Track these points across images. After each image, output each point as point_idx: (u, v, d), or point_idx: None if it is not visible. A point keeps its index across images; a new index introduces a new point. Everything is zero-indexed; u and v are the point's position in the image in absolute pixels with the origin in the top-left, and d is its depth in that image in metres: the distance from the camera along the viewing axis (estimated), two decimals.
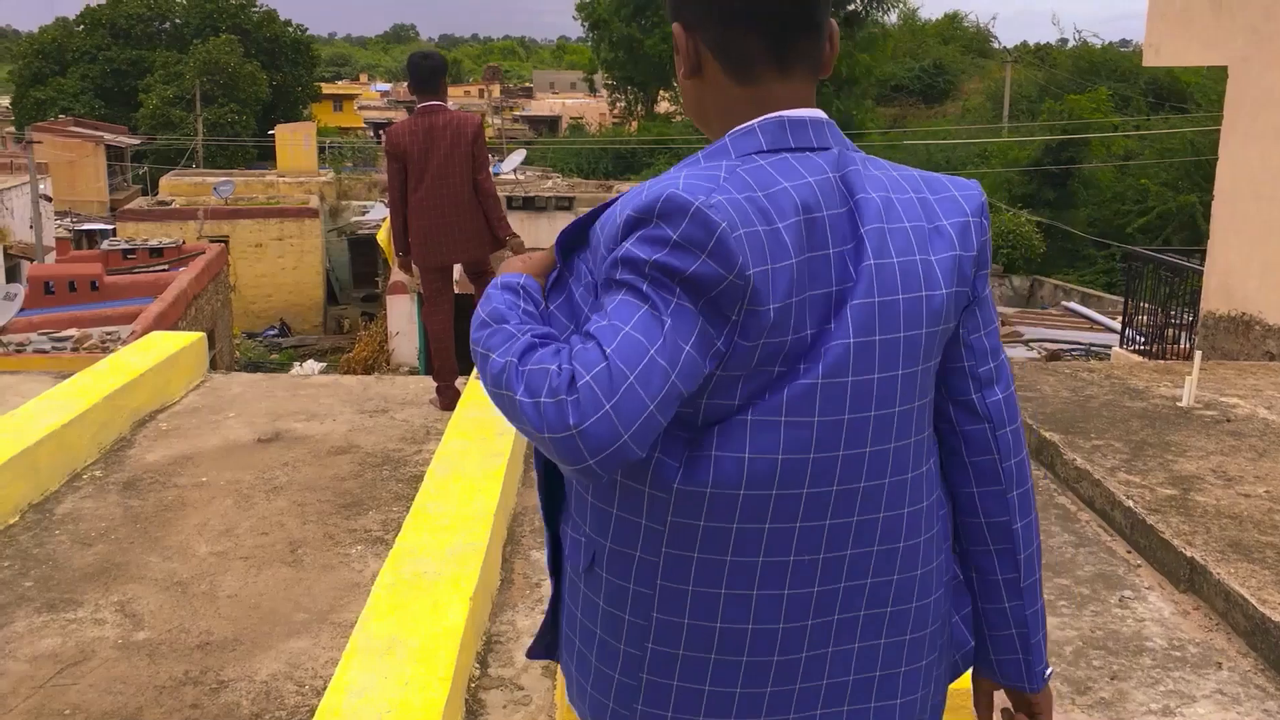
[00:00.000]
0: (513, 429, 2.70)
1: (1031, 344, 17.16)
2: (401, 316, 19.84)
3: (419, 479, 4.42)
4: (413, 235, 5.51)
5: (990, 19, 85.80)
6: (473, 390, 5.19)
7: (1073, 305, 22.33)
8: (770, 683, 1.36)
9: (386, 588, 3.24)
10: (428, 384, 5.90)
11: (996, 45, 61.09)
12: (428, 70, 5.56)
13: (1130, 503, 4.18)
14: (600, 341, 1.20)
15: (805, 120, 1.37)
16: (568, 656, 1.49)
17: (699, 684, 1.36)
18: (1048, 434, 5.00)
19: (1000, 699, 1.59)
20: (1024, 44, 66.36)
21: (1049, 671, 1.55)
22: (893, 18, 37.78)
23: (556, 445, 1.18)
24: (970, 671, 1.59)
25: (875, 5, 36.03)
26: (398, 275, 15.47)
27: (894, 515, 1.37)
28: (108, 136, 42.93)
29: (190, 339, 6.05)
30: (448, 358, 5.57)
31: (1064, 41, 54.46)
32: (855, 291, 1.31)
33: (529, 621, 3.49)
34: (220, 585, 3.68)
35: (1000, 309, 20.90)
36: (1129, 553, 4.08)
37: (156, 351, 5.71)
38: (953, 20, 67.23)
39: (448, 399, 5.56)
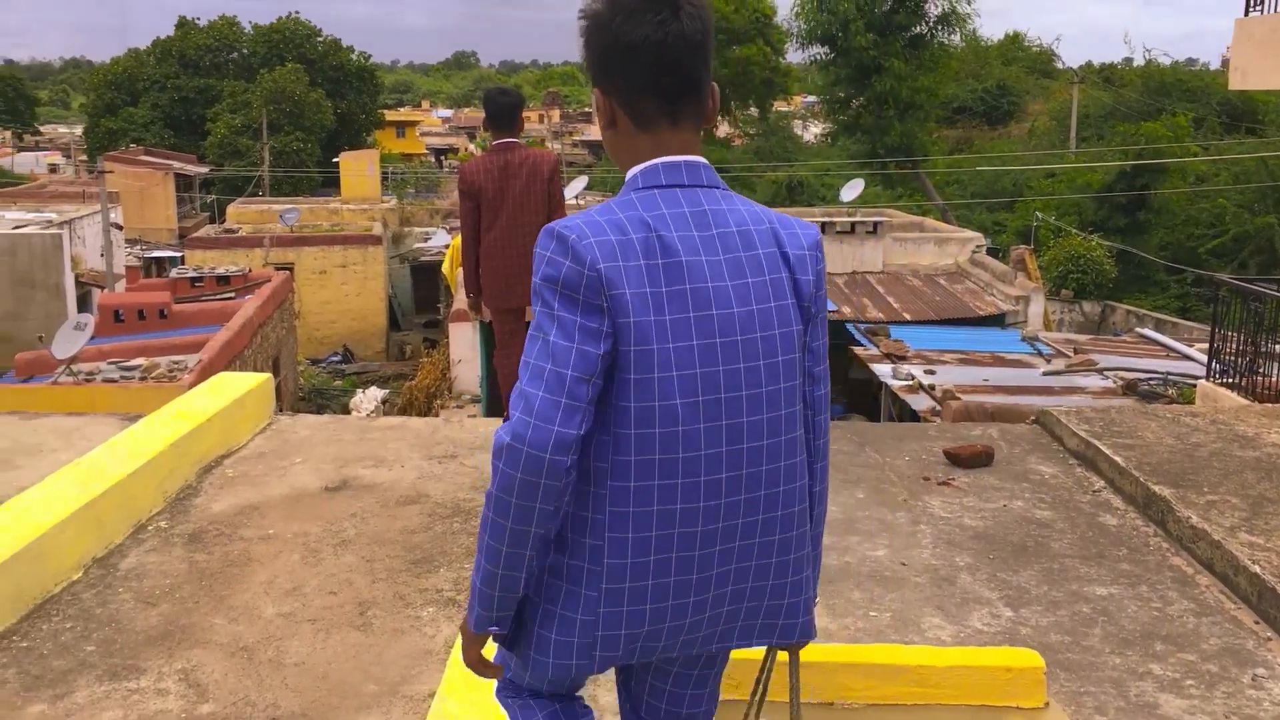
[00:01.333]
0: None
1: (1107, 373, 16.66)
2: (463, 344, 19.75)
3: None
4: (485, 276, 5.35)
5: (1054, 39, 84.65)
6: None
7: (1147, 332, 21.71)
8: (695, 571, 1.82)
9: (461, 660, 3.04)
10: (493, 427, 5.74)
11: (1060, 65, 60.18)
12: (504, 107, 5.41)
13: (1256, 568, 3.87)
14: (521, 382, 1.74)
15: (680, 164, 1.84)
16: (535, 624, 1.87)
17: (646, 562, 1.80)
18: (1157, 488, 4.69)
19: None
20: (1089, 64, 65.41)
21: (817, 598, 2.03)
22: (956, 39, 37.25)
23: (529, 464, 1.68)
24: None
25: (940, 27, 35.56)
26: (461, 303, 15.43)
27: (774, 453, 1.84)
28: (176, 165, 43.70)
29: (257, 380, 5.93)
30: None
31: (1129, 61, 53.48)
32: (732, 294, 1.79)
33: (611, 697, 3.27)
34: (287, 651, 3.51)
35: (1071, 335, 20.36)
36: (1257, 623, 3.77)
37: (223, 394, 5.60)
38: (1015, 40, 66.45)
39: None
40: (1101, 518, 4.73)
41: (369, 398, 24.12)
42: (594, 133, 77.72)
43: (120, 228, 35.65)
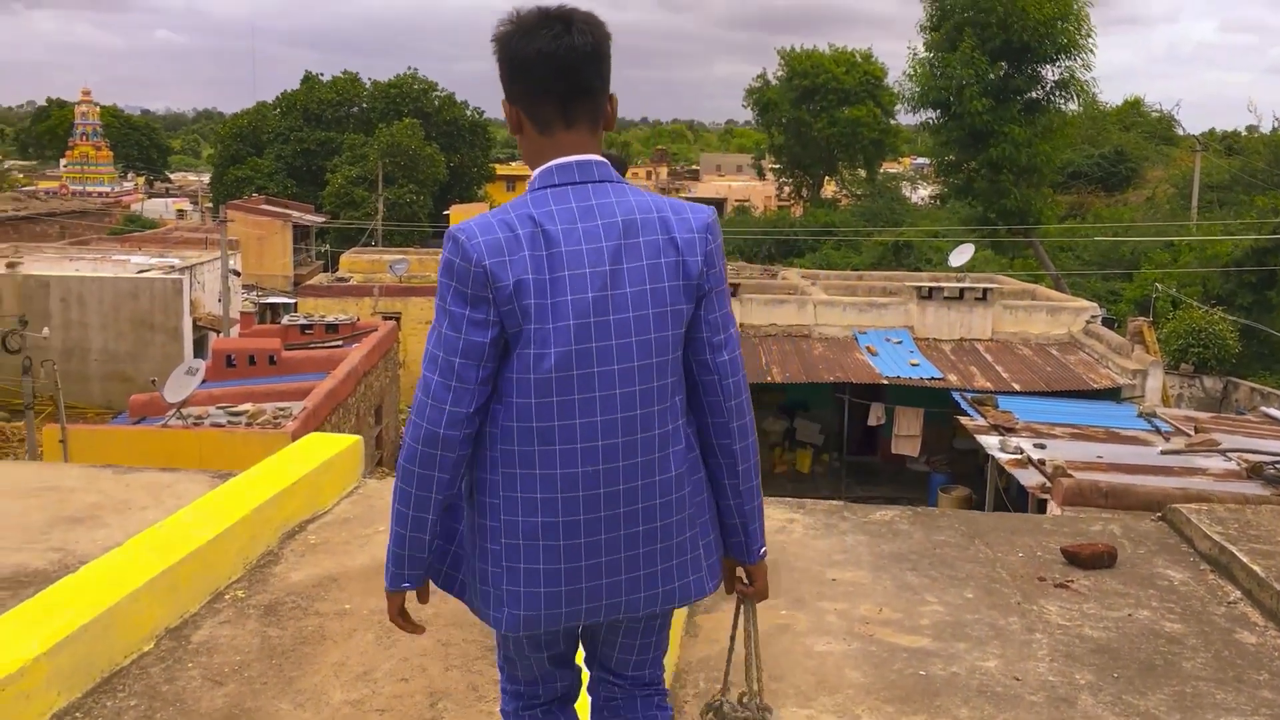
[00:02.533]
0: None
1: (1230, 454, 15.85)
2: None
3: None
4: None
5: (1175, 105, 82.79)
6: None
7: (1273, 411, 20.67)
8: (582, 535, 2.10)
9: None
10: None
11: (1181, 132, 58.68)
12: None
13: None
14: (423, 367, 2.08)
15: (573, 164, 2.09)
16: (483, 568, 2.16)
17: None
18: None
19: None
20: (1211, 131, 63.73)
21: (763, 551, 2.30)
22: (1075, 105, 36.50)
23: (427, 438, 2.05)
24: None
25: (1057, 92, 34.88)
26: None
27: (647, 422, 2.09)
28: (295, 214, 44.99)
29: (347, 442, 5.84)
30: None
31: (1253, 129, 51.82)
32: (609, 278, 2.03)
33: None
34: None
35: (1191, 412, 19.46)
36: None
37: (312, 456, 5.51)
38: (1135, 106, 65.07)
39: None
40: (1238, 634, 4.32)
41: None
42: (701, 190, 78.09)
43: (238, 274, 36.73)
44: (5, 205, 54.86)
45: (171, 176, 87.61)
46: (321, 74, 58.35)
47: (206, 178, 66.73)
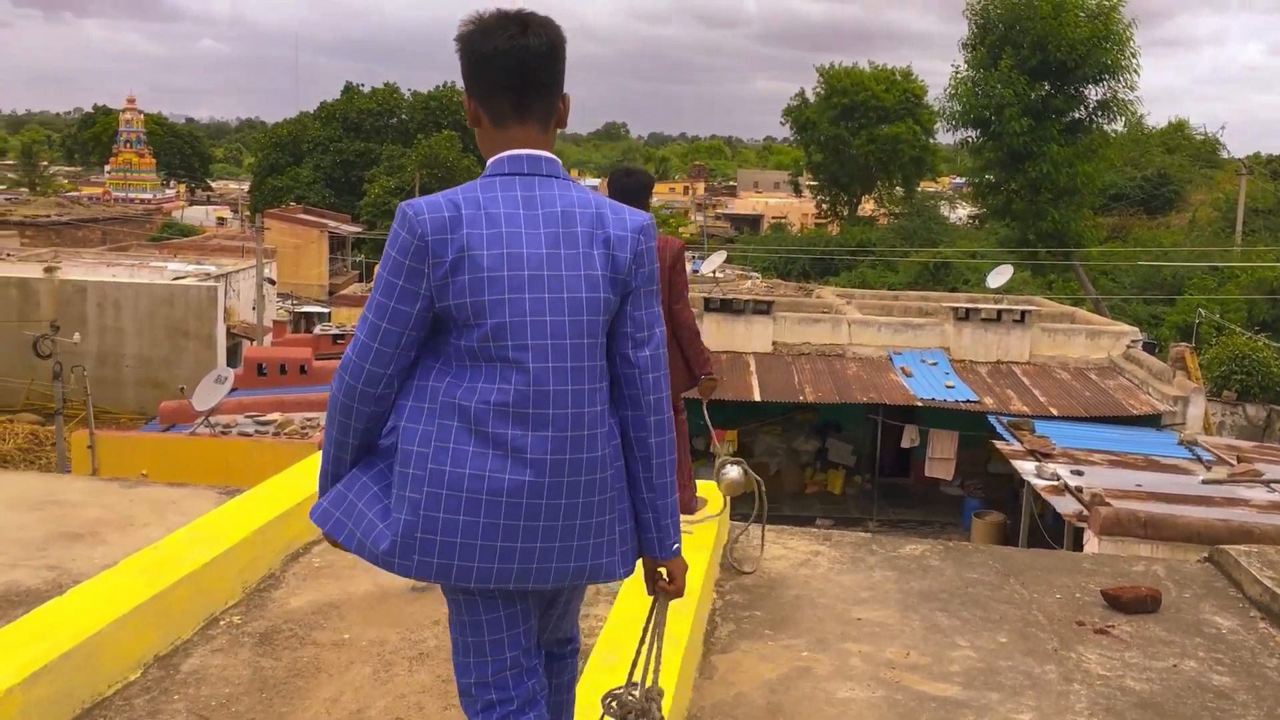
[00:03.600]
0: (696, 598, 3.65)
1: (1274, 485, 15.43)
2: None
3: (583, 654, 3.81)
4: None
5: (1219, 128, 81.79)
6: None
7: None
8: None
9: None
10: None
11: (1225, 155, 57.88)
12: (629, 189, 5.04)
13: None
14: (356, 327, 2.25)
15: (523, 157, 2.26)
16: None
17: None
18: None
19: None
20: (1256, 154, 62.83)
21: (676, 547, 2.38)
22: (1118, 126, 35.98)
23: (346, 390, 2.22)
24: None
25: (1101, 113, 34.39)
26: None
27: (578, 399, 2.22)
28: (331, 224, 45.19)
29: None
30: None
31: None
32: (545, 260, 2.19)
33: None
34: None
35: (1234, 441, 19.01)
36: None
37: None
38: (1179, 128, 64.27)
39: None
40: None
41: None
42: (738, 206, 77.87)
43: (273, 282, 36.88)
44: (49, 210, 55.53)
45: (213, 184, 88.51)
46: (362, 84, 58.75)
47: (247, 186, 67.30)
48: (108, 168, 66.49)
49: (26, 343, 19.57)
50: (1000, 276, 24.04)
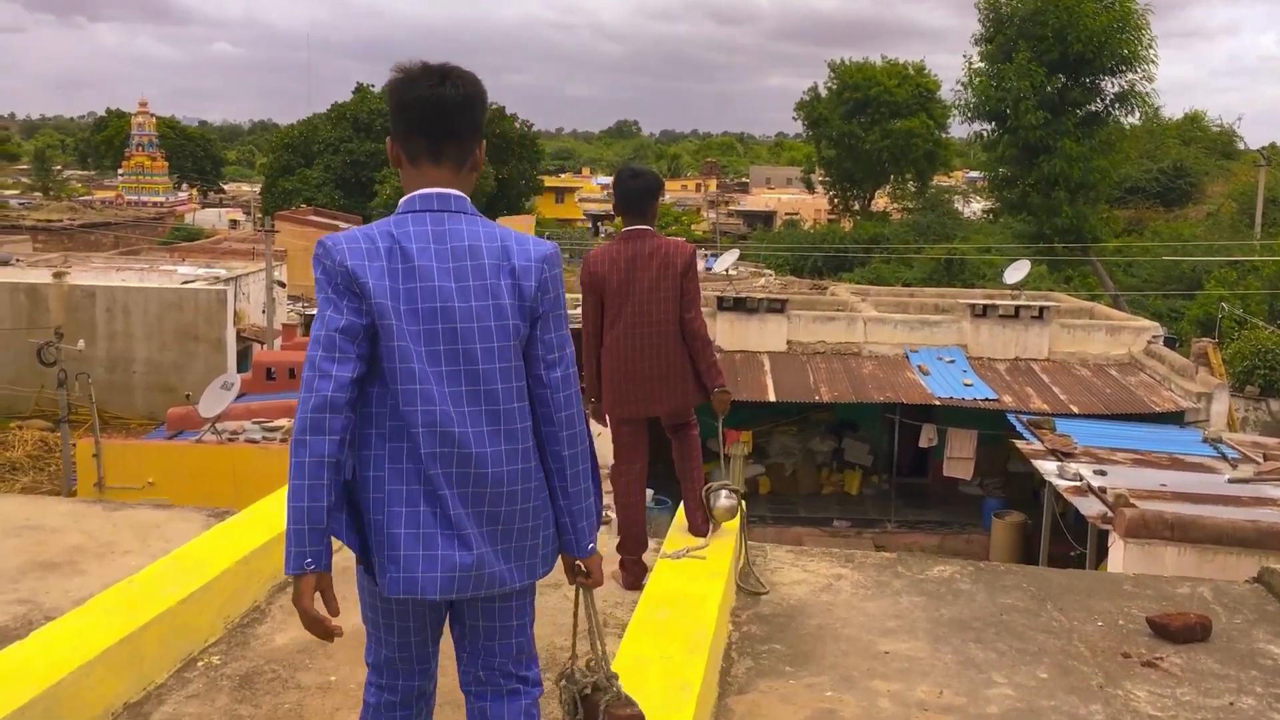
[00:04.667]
0: (711, 631, 3.61)
1: None
2: None
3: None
4: (605, 380, 4.68)
5: (1236, 119, 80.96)
6: (666, 573, 4.27)
7: None
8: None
9: None
10: (611, 548, 4.99)
11: (1242, 147, 57.26)
12: (635, 190, 4.73)
13: None
14: (308, 350, 2.38)
15: (433, 195, 2.46)
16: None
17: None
18: None
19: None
20: (1273, 145, 62.25)
21: (592, 547, 2.62)
22: (1135, 118, 35.47)
23: (316, 404, 2.31)
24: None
25: (1116, 106, 33.92)
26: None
27: (493, 418, 2.43)
28: (342, 225, 44.99)
29: None
30: (635, 526, 4.67)
31: None
32: (455, 293, 2.38)
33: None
34: None
35: (1260, 438, 18.61)
36: None
37: None
38: (1194, 120, 63.63)
39: (633, 576, 4.66)
40: None
41: None
42: (750, 203, 77.51)
43: (283, 285, 36.68)
44: (61, 215, 55.52)
45: (226, 187, 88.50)
46: (372, 85, 58.49)
47: (259, 188, 67.20)
48: (120, 171, 66.52)
49: (35, 349, 19.37)
50: (1017, 272, 23.62)
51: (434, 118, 2.47)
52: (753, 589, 4.65)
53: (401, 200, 2.48)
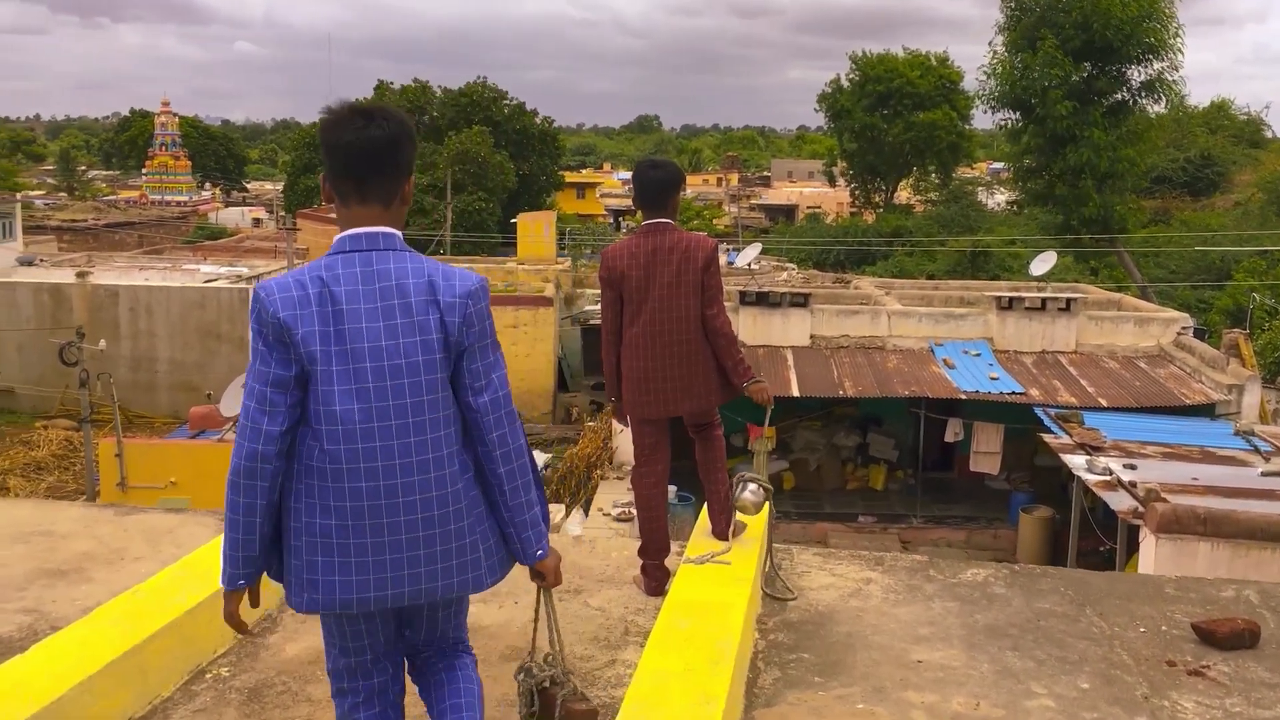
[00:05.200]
0: (737, 641, 3.54)
1: None
2: None
3: (610, 711, 3.37)
4: (625, 379, 4.53)
5: (1263, 107, 79.99)
6: (689, 579, 4.12)
7: None
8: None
9: None
10: (633, 551, 4.84)
11: (1270, 135, 56.59)
12: (655, 183, 4.55)
13: None
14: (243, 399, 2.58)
15: (361, 234, 2.61)
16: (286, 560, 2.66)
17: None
18: None
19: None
20: None
21: (540, 553, 2.77)
22: (1161, 107, 35.01)
23: (247, 454, 2.53)
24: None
25: (1143, 94, 33.48)
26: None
27: (421, 448, 2.58)
28: None
29: None
30: (657, 530, 4.51)
31: None
32: (383, 331, 2.54)
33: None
34: None
35: None
36: None
37: None
38: (1221, 109, 62.92)
39: (655, 581, 4.50)
40: None
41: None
42: (772, 196, 77.16)
43: None
44: (86, 214, 55.84)
45: (249, 186, 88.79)
46: (392, 83, 58.47)
47: (281, 186, 67.33)
48: (144, 171, 66.83)
49: (58, 349, 19.40)
50: (1044, 264, 23.33)
51: (360, 159, 2.61)
52: (779, 595, 4.49)
53: (335, 239, 2.64)
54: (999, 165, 63.18)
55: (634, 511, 4.70)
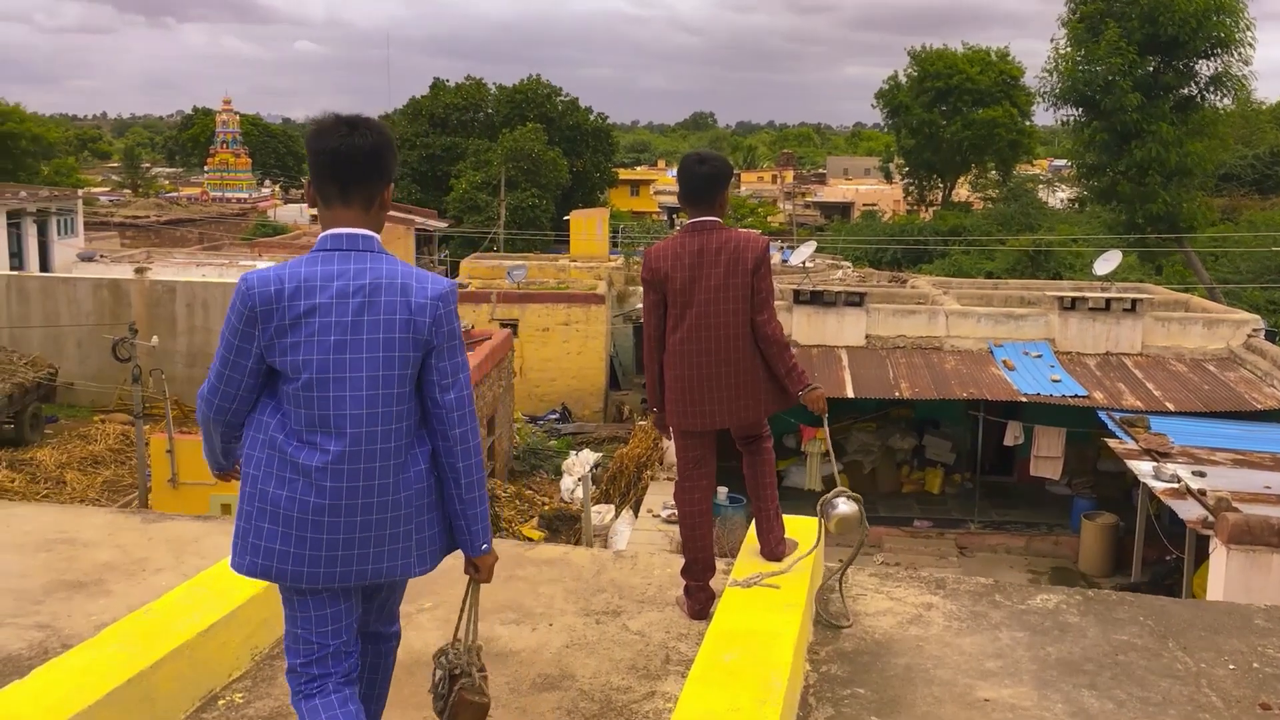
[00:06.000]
0: (786, 675, 3.36)
1: None
2: None
3: None
4: (668, 387, 4.23)
5: None
6: (736, 604, 3.83)
7: None
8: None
9: None
10: (676, 568, 4.56)
11: None
12: (702, 179, 4.22)
13: None
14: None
15: (342, 235, 2.78)
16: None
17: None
18: None
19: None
20: None
21: (485, 546, 2.90)
22: (1229, 102, 33.99)
23: (201, 419, 2.82)
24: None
25: (1211, 89, 32.53)
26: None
27: (386, 436, 2.72)
28: (418, 220, 45.12)
29: None
30: (702, 549, 4.21)
31: None
32: (350, 326, 2.69)
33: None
34: None
35: None
36: None
37: None
38: None
39: (698, 603, 4.22)
40: None
41: (581, 461, 23.51)
42: (827, 194, 76.43)
43: None
44: (148, 211, 56.63)
45: (307, 182, 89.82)
46: (448, 80, 58.65)
47: None
48: (205, 168, 67.60)
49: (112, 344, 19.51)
50: (1108, 263, 22.68)
51: (343, 165, 2.78)
52: (835, 621, 4.18)
53: (318, 238, 2.80)
54: (1060, 162, 61.99)
55: (676, 517, 4.41)
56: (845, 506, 4.09)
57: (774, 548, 4.21)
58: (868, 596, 4.44)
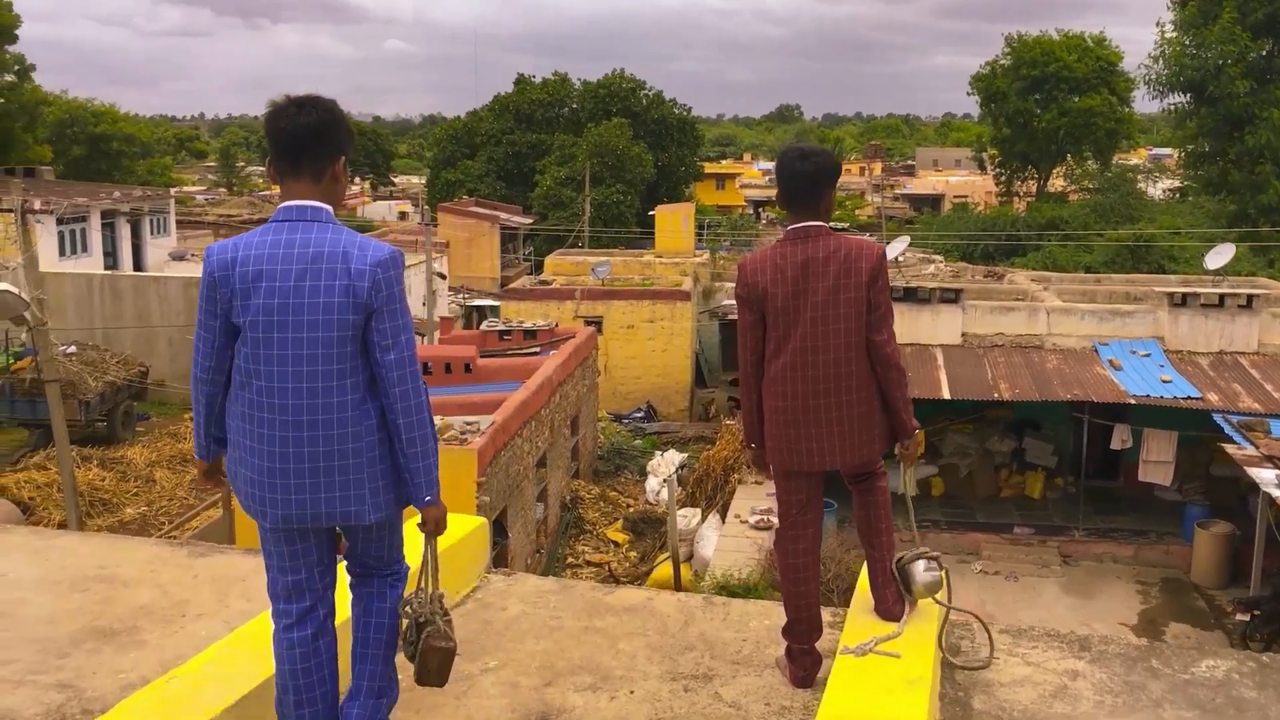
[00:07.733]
0: None
1: None
2: None
3: None
4: (769, 422, 3.65)
5: None
6: (848, 677, 3.26)
7: None
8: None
9: None
10: (775, 620, 3.98)
11: None
12: (806, 177, 3.62)
13: None
14: None
15: (293, 206, 3.07)
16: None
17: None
18: None
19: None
20: None
21: (429, 499, 3.12)
22: None
23: (191, 380, 3.15)
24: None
25: None
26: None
27: (327, 392, 3.00)
28: (503, 217, 45.02)
29: (469, 526, 4.52)
30: (807, 607, 3.61)
31: None
32: (291, 290, 2.96)
33: None
34: None
35: None
36: None
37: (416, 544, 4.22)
38: None
39: (802, 669, 3.63)
40: None
41: (666, 462, 22.97)
42: (916, 186, 74.90)
43: (444, 277, 36.72)
44: (241, 209, 57.63)
45: (396, 180, 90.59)
46: (534, 76, 58.55)
47: (424, 180, 68.26)
48: None
49: None
50: (1220, 256, 21.47)
51: (292, 143, 3.05)
52: (967, 664, 3.57)
53: (275, 210, 3.08)
54: (1162, 151, 59.72)
55: (777, 569, 3.85)
56: (928, 574, 3.57)
57: (890, 606, 3.62)
58: (1000, 659, 3.82)
